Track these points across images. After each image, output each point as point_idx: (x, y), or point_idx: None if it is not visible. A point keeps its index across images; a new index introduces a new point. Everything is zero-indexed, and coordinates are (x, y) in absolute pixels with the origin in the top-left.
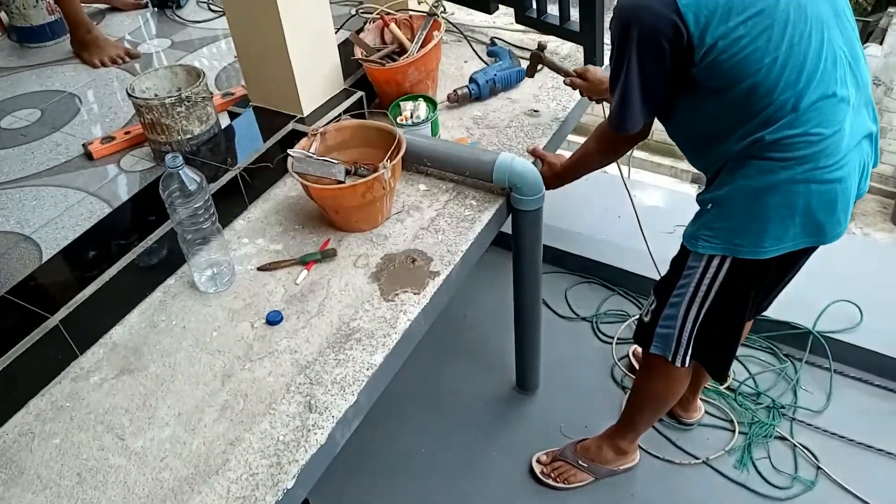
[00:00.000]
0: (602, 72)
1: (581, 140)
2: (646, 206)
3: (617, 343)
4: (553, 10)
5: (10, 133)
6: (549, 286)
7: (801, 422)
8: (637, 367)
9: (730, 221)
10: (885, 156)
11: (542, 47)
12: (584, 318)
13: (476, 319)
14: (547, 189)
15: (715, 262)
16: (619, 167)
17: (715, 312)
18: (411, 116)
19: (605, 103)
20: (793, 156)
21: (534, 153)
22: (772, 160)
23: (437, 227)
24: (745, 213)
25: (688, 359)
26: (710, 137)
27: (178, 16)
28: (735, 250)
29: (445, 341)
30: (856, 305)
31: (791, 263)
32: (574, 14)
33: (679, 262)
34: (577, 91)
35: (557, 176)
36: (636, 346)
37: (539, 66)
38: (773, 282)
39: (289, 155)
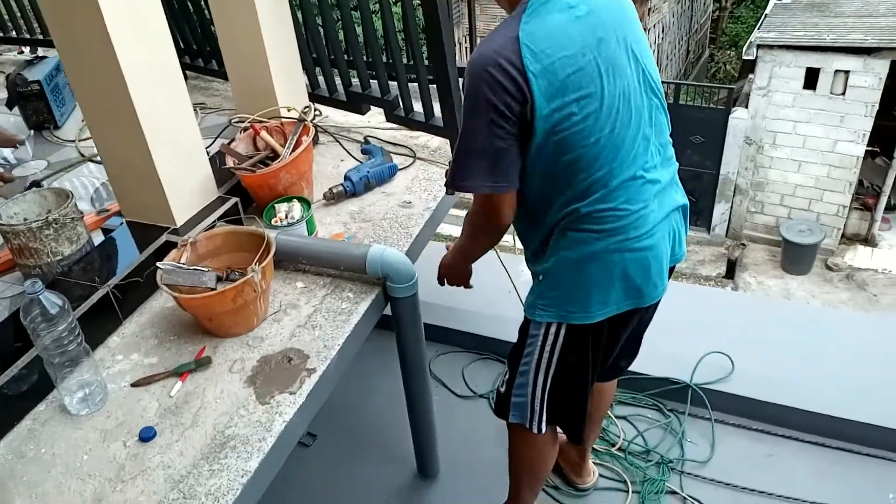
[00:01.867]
0: None
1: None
2: (529, 279)
3: None
4: (419, 107)
5: None
6: (446, 366)
7: (690, 474)
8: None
9: (559, 290)
10: (766, 207)
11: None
12: (480, 395)
13: (372, 408)
14: (442, 283)
15: (552, 329)
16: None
17: (561, 376)
18: (286, 217)
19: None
20: (604, 228)
21: None
22: (587, 231)
23: (315, 322)
24: (570, 282)
25: (544, 424)
26: (536, 206)
27: (56, 136)
28: (567, 317)
29: (343, 436)
30: (727, 356)
31: (622, 324)
32: (437, 110)
33: (523, 332)
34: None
35: (443, 266)
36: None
37: None
38: (609, 342)
39: (157, 267)
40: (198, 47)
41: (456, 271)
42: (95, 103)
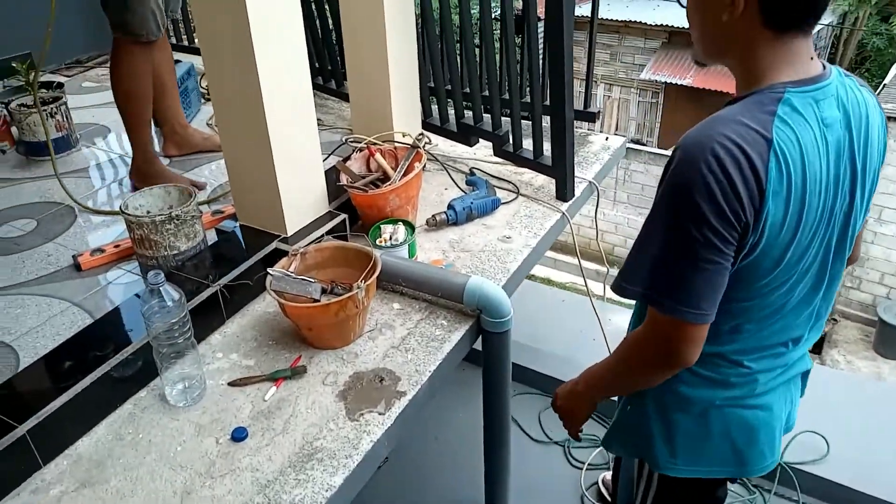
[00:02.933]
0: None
1: (564, 258)
2: (620, 329)
3: (587, 469)
4: (528, 144)
5: (3, 242)
6: (523, 407)
7: None
8: (607, 496)
9: (645, 428)
10: (864, 284)
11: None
12: (556, 442)
13: (446, 439)
14: (557, 411)
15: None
16: (588, 290)
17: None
18: (390, 239)
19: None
20: (718, 378)
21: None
22: (697, 375)
23: (408, 346)
24: (659, 425)
25: None
26: None
27: None
28: (650, 459)
29: (415, 462)
30: (822, 436)
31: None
32: (547, 148)
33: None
34: None
35: (567, 394)
36: (605, 473)
37: None
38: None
39: (268, 273)
40: (320, 66)
41: (581, 405)
42: (230, 113)
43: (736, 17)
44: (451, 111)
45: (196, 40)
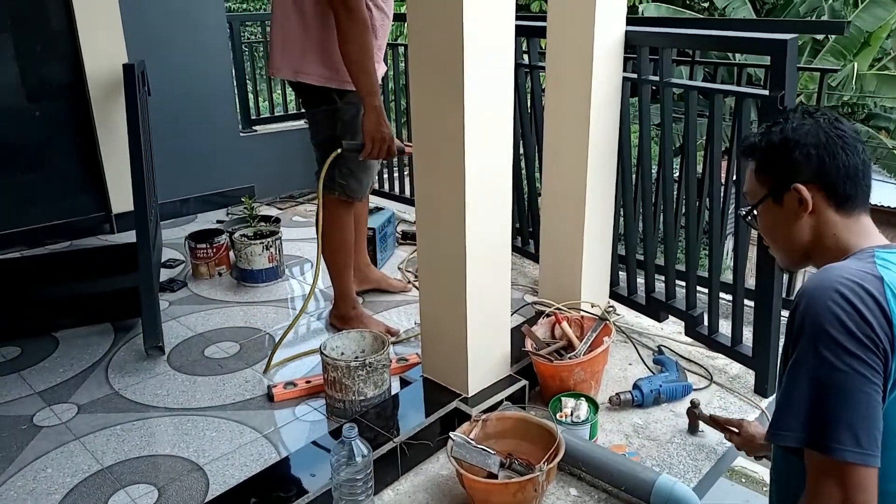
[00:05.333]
0: (758, 426)
1: None
2: None
3: None
4: (725, 328)
5: (210, 362)
6: None
7: None
8: None
9: None
10: None
11: (695, 404)
12: None
13: None
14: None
15: None
16: None
17: None
18: (571, 415)
19: None
20: None
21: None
22: None
23: None
24: None
25: None
26: None
27: None
28: None
29: None
30: None
31: None
32: (747, 334)
33: None
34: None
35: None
36: None
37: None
38: None
39: (450, 437)
40: (519, 226)
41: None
42: (432, 265)
43: (809, 214)
44: (641, 281)
45: (397, 189)
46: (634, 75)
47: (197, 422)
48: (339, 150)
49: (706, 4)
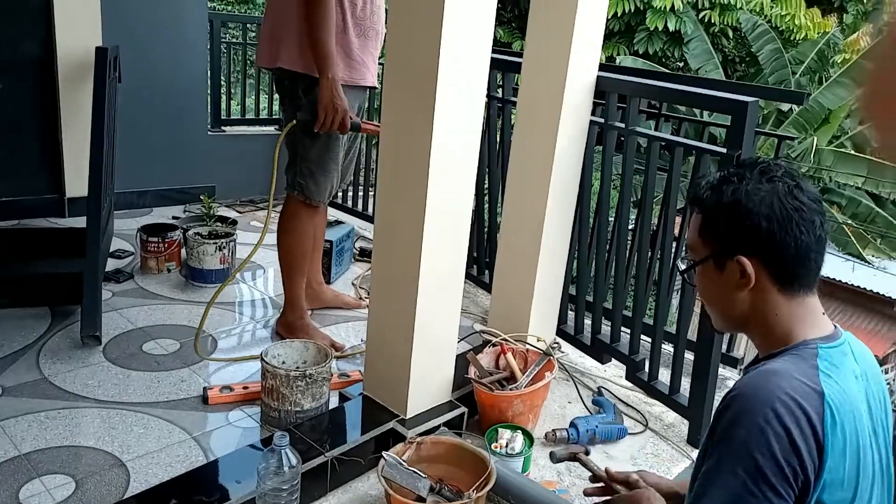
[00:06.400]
0: (656, 476)
1: None
2: None
3: None
4: (665, 377)
5: (147, 357)
6: None
7: None
8: None
9: None
10: None
11: (587, 452)
12: None
13: None
14: None
15: None
16: None
17: None
18: (506, 446)
19: None
20: None
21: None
22: None
23: None
24: None
25: None
26: None
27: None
28: None
29: None
30: None
31: None
32: (686, 384)
33: None
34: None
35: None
36: None
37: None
38: None
39: (382, 456)
40: (477, 255)
41: None
42: (384, 285)
43: (750, 289)
44: (588, 322)
45: (360, 206)
46: (602, 120)
47: (125, 416)
48: (295, 122)
49: (681, 64)
